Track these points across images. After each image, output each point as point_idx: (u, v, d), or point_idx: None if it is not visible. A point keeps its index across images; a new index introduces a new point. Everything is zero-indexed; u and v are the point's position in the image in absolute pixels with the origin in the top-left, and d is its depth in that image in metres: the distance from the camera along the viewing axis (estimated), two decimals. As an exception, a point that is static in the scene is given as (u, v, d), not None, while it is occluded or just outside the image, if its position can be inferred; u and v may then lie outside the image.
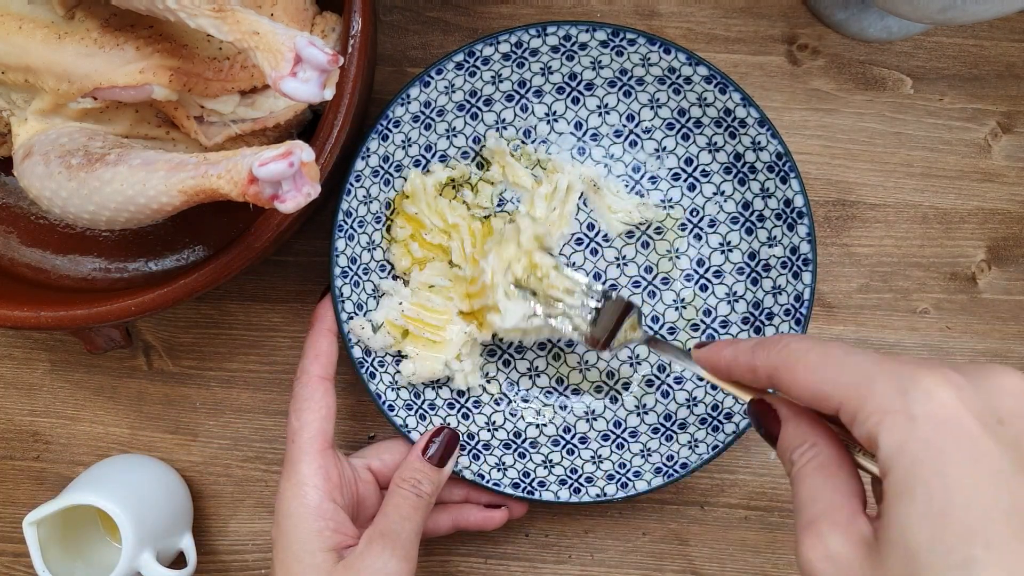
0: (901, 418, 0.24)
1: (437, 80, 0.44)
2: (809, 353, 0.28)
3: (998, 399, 0.24)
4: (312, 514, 0.40)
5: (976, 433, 0.23)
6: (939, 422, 0.23)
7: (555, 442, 0.48)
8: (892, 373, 0.25)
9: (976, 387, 0.24)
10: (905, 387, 0.24)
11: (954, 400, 0.24)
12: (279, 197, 0.32)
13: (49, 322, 0.40)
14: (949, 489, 0.23)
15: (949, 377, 0.24)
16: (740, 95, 0.44)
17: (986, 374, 0.25)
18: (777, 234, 0.46)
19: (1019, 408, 0.24)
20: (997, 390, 0.24)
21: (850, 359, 0.27)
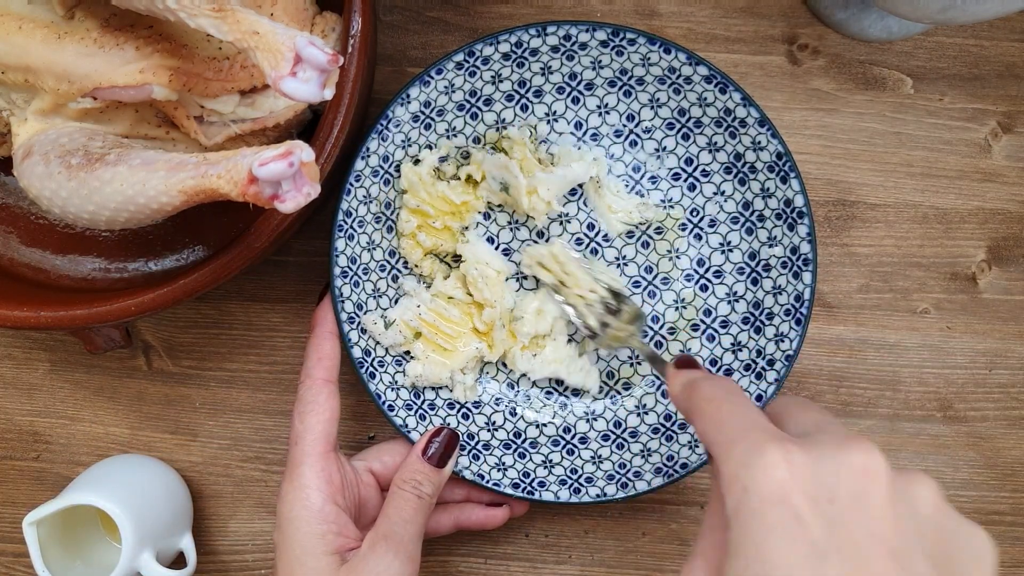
0: (739, 488, 0.26)
1: (437, 80, 0.44)
2: (707, 405, 0.31)
3: (835, 478, 0.25)
4: (314, 517, 0.40)
5: (801, 511, 0.25)
6: (766, 498, 0.25)
7: (555, 442, 0.48)
8: (748, 443, 0.27)
9: (817, 465, 0.26)
10: (750, 460, 0.26)
11: (786, 478, 0.25)
12: (279, 197, 0.32)
13: (49, 322, 0.40)
14: (766, 561, 0.24)
15: (791, 455, 0.26)
16: (740, 95, 0.44)
17: (835, 453, 0.26)
18: (777, 234, 0.46)
19: (854, 488, 0.25)
20: (839, 469, 0.26)
21: (729, 421, 0.29)
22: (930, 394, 0.51)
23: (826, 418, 0.30)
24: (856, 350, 0.51)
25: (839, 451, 0.26)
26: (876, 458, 0.26)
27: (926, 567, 0.25)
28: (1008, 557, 0.51)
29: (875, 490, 0.25)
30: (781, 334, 0.46)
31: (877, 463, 0.26)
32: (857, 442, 0.26)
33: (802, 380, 0.51)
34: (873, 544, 0.24)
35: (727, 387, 0.32)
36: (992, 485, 0.51)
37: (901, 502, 0.26)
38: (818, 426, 0.29)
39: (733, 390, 0.31)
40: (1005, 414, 0.51)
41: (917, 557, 0.25)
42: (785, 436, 0.27)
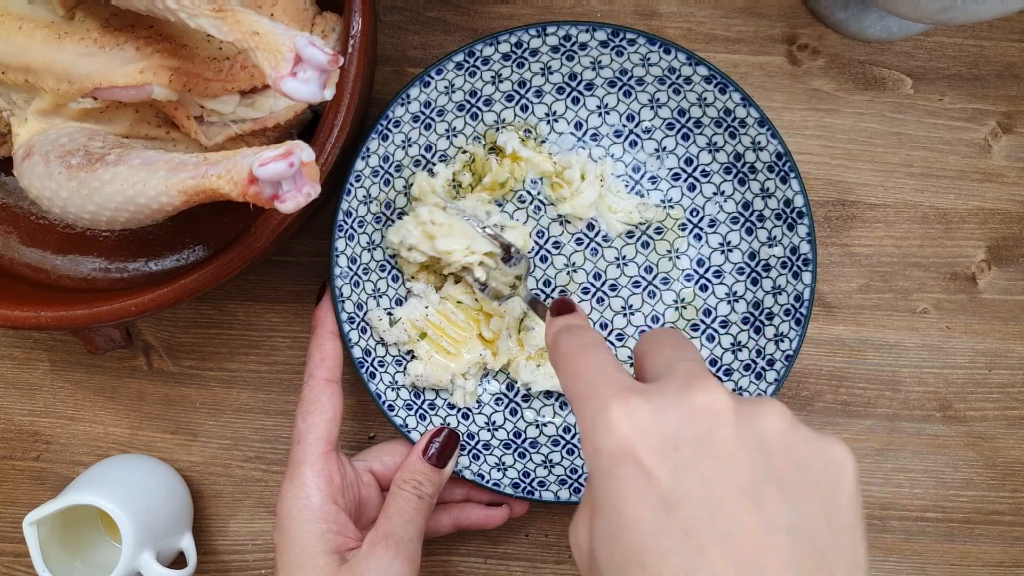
0: (591, 448, 0.26)
1: (437, 80, 0.44)
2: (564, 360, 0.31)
3: (679, 424, 0.25)
4: (315, 516, 0.40)
5: (647, 464, 0.25)
6: (614, 455, 0.25)
7: (555, 442, 0.48)
8: (595, 400, 0.27)
9: (661, 413, 0.25)
10: (596, 418, 0.26)
11: (631, 433, 0.25)
12: (279, 197, 0.32)
13: (49, 322, 0.40)
14: (619, 516, 0.25)
15: (633, 408, 0.26)
16: (740, 95, 0.44)
17: (677, 397, 0.26)
18: (777, 234, 0.46)
19: (698, 431, 0.25)
20: (682, 414, 0.25)
21: (581, 377, 0.29)
22: (930, 394, 0.51)
23: (678, 354, 0.29)
24: (856, 350, 0.51)
25: (682, 395, 0.26)
26: (719, 396, 0.26)
27: (777, 494, 0.24)
28: (1008, 557, 0.51)
29: (720, 430, 0.25)
30: (781, 334, 0.46)
31: (720, 401, 0.25)
32: (700, 381, 0.26)
33: (802, 380, 0.51)
34: (722, 484, 0.24)
35: (584, 339, 0.31)
36: (992, 485, 0.51)
37: (748, 436, 0.25)
38: (669, 365, 0.28)
39: (589, 342, 0.31)
40: (1005, 414, 0.51)
41: (770, 487, 0.24)
42: (630, 387, 0.27)
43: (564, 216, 0.48)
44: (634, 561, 0.24)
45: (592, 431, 0.26)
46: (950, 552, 0.51)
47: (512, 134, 0.47)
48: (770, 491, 0.24)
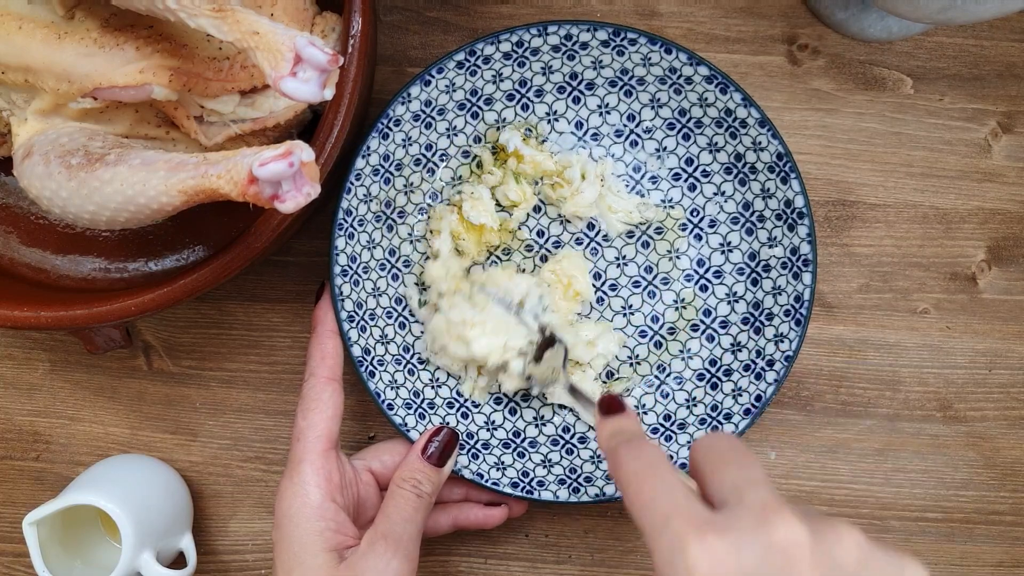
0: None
1: (438, 79, 0.44)
2: (633, 480, 0.31)
3: (758, 562, 0.25)
4: (313, 514, 0.40)
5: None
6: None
7: (554, 441, 0.48)
8: (671, 535, 0.27)
9: (738, 552, 0.26)
10: (674, 559, 0.26)
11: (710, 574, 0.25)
12: (279, 197, 0.32)
13: (49, 322, 0.40)
14: None
15: (710, 547, 0.26)
16: (741, 95, 0.44)
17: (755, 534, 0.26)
18: (777, 235, 0.46)
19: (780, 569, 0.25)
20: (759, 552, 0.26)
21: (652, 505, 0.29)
22: (930, 394, 0.51)
23: (744, 474, 0.29)
24: (856, 350, 0.51)
25: (758, 531, 0.26)
26: (796, 531, 0.26)
27: None
28: (1008, 557, 0.51)
29: (799, 566, 0.25)
30: (781, 335, 0.46)
31: (797, 536, 0.26)
32: (776, 516, 0.26)
33: (802, 380, 0.51)
34: None
35: (648, 458, 0.31)
36: (992, 485, 0.51)
37: (825, 567, 0.26)
38: (738, 490, 0.29)
39: (654, 461, 0.31)
40: (1005, 414, 0.51)
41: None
42: (705, 520, 0.27)
43: (564, 216, 0.48)
44: None
45: (669, 570, 0.27)
46: (950, 552, 0.51)
47: (515, 132, 0.47)
48: None
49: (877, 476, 0.51)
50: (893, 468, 0.51)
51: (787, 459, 0.51)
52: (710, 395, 0.47)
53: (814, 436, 0.51)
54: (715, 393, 0.47)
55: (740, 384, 0.46)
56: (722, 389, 0.47)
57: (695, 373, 0.48)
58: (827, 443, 0.51)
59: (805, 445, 0.51)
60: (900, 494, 0.51)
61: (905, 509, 0.51)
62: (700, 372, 0.48)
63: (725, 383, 0.47)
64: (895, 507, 0.51)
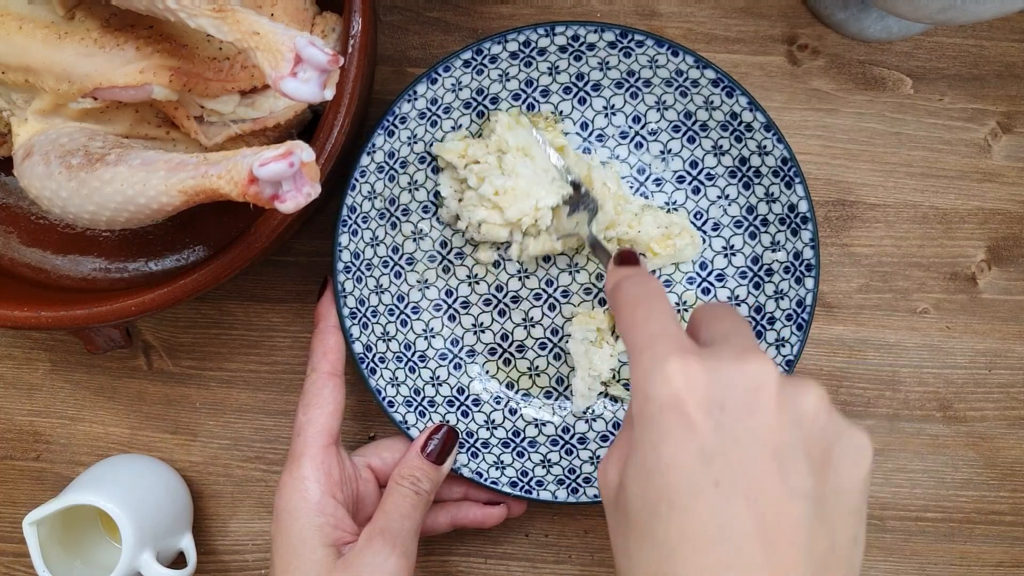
0: (642, 394, 0.29)
1: (444, 77, 0.44)
2: (626, 306, 0.32)
3: (728, 388, 0.28)
4: (312, 509, 0.40)
5: (693, 418, 0.27)
6: (664, 404, 0.28)
7: (554, 442, 0.48)
8: (653, 351, 0.29)
9: (713, 375, 0.28)
10: (652, 368, 0.28)
11: (683, 387, 0.28)
12: (279, 197, 0.32)
13: (49, 322, 0.40)
14: (658, 458, 0.27)
15: (688, 365, 0.28)
16: (747, 99, 0.44)
17: (731, 364, 0.28)
18: (781, 239, 0.46)
19: (744, 397, 0.27)
20: (732, 379, 0.28)
21: (642, 326, 0.31)
22: (930, 394, 0.51)
23: (735, 327, 0.31)
24: (856, 350, 0.51)
25: (735, 363, 0.28)
26: (768, 369, 0.28)
27: (804, 465, 0.27)
28: (1008, 557, 0.51)
29: (764, 399, 0.27)
30: (782, 339, 0.46)
31: (768, 373, 0.28)
32: (753, 354, 0.28)
33: (802, 380, 0.51)
34: (756, 446, 0.27)
35: (648, 290, 0.33)
36: (992, 485, 0.51)
37: (788, 409, 0.28)
38: (725, 335, 0.31)
39: (653, 293, 0.32)
40: (1005, 414, 0.51)
41: (797, 457, 0.27)
42: (688, 347, 0.29)
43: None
44: (664, 498, 0.27)
45: (645, 379, 0.28)
46: (950, 552, 0.51)
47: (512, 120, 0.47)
48: (797, 461, 0.27)
49: (877, 476, 0.51)
50: (893, 468, 0.51)
51: (787, 459, 0.51)
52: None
53: (814, 436, 0.51)
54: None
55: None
56: None
57: None
58: (827, 443, 0.51)
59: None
60: (900, 494, 0.51)
61: (905, 509, 0.51)
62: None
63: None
64: (895, 507, 0.51)
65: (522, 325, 0.49)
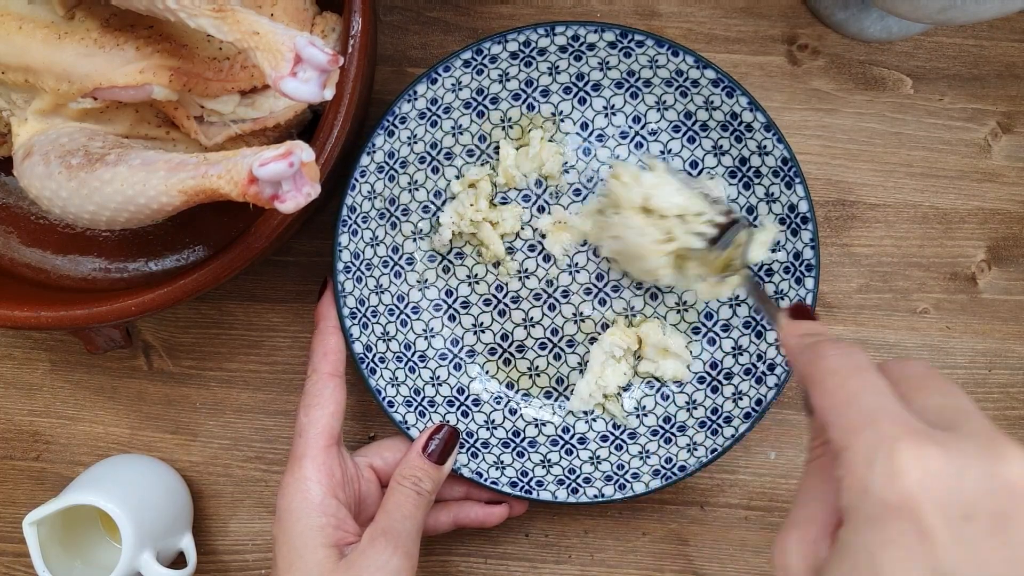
0: (858, 485, 0.23)
1: (444, 77, 0.44)
2: (830, 377, 0.27)
3: (978, 492, 0.22)
4: (314, 510, 0.40)
5: (929, 528, 0.22)
6: (890, 506, 0.22)
7: (554, 442, 0.48)
8: (876, 434, 0.24)
9: (959, 473, 0.22)
10: (876, 458, 0.23)
11: (917, 486, 0.22)
12: (279, 197, 0.32)
13: (49, 322, 0.40)
14: (874, 571, 0.22)
15: (926, 457, 0.22)
16: (747, 99, 0.44)
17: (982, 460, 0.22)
18: (781, 239, 0.46)
19: (998, 507, 0.22)
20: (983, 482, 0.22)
21: (855, 402, 0.25)
22: (930, 394, 0.51)
23: (963, 402, 0.25)
24: (856, 350, 0.51)
25: (988, 458, 0.22)
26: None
27: None
28: (1008, 557, 0.51)
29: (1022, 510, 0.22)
30: (782, 336, 0.46)
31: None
32: (1008, 448, 0.23)
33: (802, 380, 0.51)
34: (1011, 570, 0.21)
35: (855, 360, 0.27)
36: (992, 485, 0.51)
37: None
38: (958, 413, 0.24)
39: (861, 364, 0.27)
40: (1005, 414, 0.51)
41: None
42: (922, 430, 0.23)
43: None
44: None
45: (867, 470, 0.23)
46: (950, 552, 0.51)
47: (538, 131, 0.47)
48: None
49: (877, 476, 0.51)
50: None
51: (787, 459, 0.51)
52: (710, 398, 0.47)
53: (814, 436, 0.51)
54: (715, 396, 0.47)
55: (741, 388, 0.46)
56: (723, 392, 0.47)
57: (696, 376, 0.48)
58: (827, 443, 0.51)
59: (805, 445, 0.51)
60: (900, 494, 0.51)
61: (905, 509, 0.51)
62: (701, 375, 0.48)
63: (726, 386, 0.47)
64: (895, 507, 0.51)
65: (522, 325, 0.49)
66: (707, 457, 0.46)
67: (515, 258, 0.48)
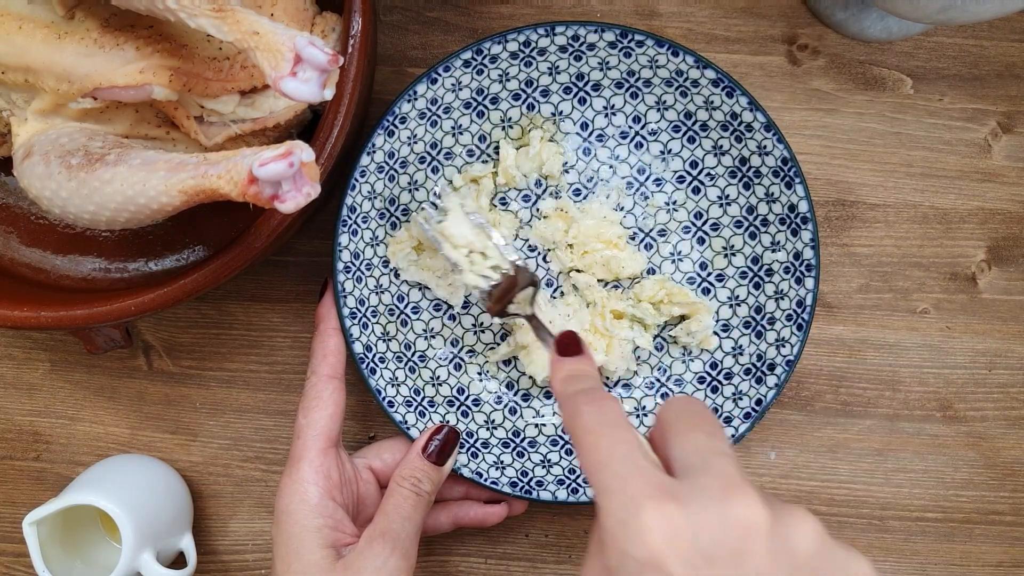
0: (616, 549, 0.25)
1: (444, 77, 0.44)
2: (585, 436, 0.29)
3: (714, 537, 0.25)
4: (312, 512, 0.40)
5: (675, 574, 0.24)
6: (643, 564, 0.25)
7: (554, 442, 0.48)
8: (625, 498, 0.26)
9: (696, 524, 0.25)
10: (627, 520, 0.25)
11: (663, 543, 0.24)
12: (279, 197, 0.32)
13: (49, 322, 0.40)
14: None
15: (667, 515, 0.25)
16: (747, 99, 0.44)
17: (714, 507, 0.25)
18: (781, 239, 0.46)
19: (733, 546, 0.24)
20: (717, 526, 0.25)
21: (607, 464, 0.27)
22: (930, 394, 0.51)
23: (711, 444, 0.28)
24: (856, 350, 0.51)
25: (719, 504, 0.25)
26: (756, 510, 0.25)
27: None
28: (1008, 557, 0.51)
29: (754, 546, 0.25)
30: (782, 339, 0.46)
31: (757, 515, 0.25)
32: (737, 491, 0.25)
33: (802, 380, 0.51)
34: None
35: (607, 415, 0.29)
36: (992, 485, 0.51)
37: (780, 551, 0.25)
38: (702, 458, 0.27)
39: (613, 419, 0.29)
40: (1005, 414, 0.51)
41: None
42: (664, 486, 0.26)
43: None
44: None
45: (620, 532, 0.25)
46: (950, 552, 0.51)
47: (538, 131, 0.47)
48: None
49: (877, 476, 0.51)
50: (893, 468, 0.51)
51: (787, 459, 0.51)
52: (710, 398, 0.47)
53: (814, 436, 0.51)
54: (715, 396, 0.47)
55: (740, 388, 0.46)
56: (722, 392, 0.47)
57: (695, 376, 0.48)
58: (827, 443, 0.51)
59: (805, 445, 0.51)
60: (900, 494, 0.51)
61: (905, 509, 0.51)
62: (701, 375, 0.48)
63: (725, 386, 0.47)
64: (895, 507, 0.51)
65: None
66: (707, 457, 0.46)
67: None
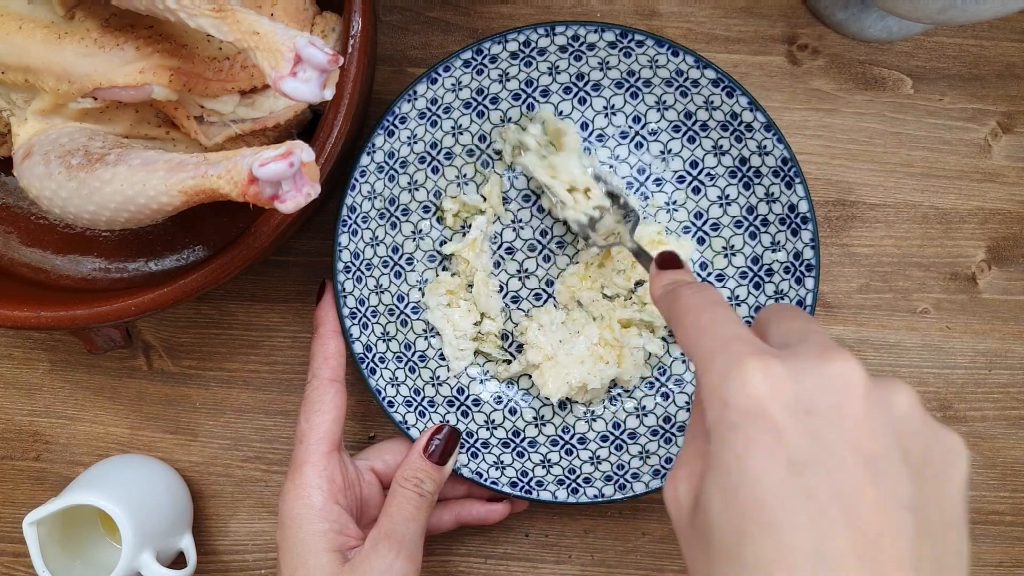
0: (718, 401, 0.26)
1: (444, 77, 0.44)
2: (688, 314, 0.30)
3: (814, 390, 0.25)
4: (316, 516, 0.40)
5: (779, 424, 0.25)
6: (746, 411, 0.25)
7: (554, 442, 0.48)
8: (728, 355, 0.27)
9: (796, 377, 0.26)
10: (730, 374, 0.26)
11: (765, 392, 0.25)
12: (279, 197, 0.32)
13: (49, 322, 0.40)
14: (744, 472, 0.25)
15: (770, 368, 0.26)
16: (747, 99, 0.44)
17: (814, 365, 0.26)
18: (781, 239, 0.46)
19: (832, 400, 0.25)
20: (817, 381, 0.26)
21: (709, 331, 0.29)
22: (930, 394, 0.51)
23: (809, 327, 0.29)
24: (856, 350, 0.51)
25: (819, 362, 0.26)
26: (854, 368, 0.26)
27: (900, 471, 0.25)
28: (1008, 557, 0.51)
29: (853, 400, 0.25)
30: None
31: (855, 373, 0.26)
32: (837, 353, 0.26)
33: (802, 380, 0.51)
34: (849, 453, 0.24)
35: (708, 296, 0.31)
36: (992, 485, 0.51)
37: (878, 410, 0.25)
38: (800, 335, 0.28)
39: (715, 299, 0.31)
40: (1005, 414, 0.51)
41: (892, 462, 0.25)
42: (766, 348, 0.27)
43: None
44: (753, 515, 0.24)
45: (723, 384, 0.26)
46: (950, 552, 0.51)
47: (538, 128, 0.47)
48: (894, 467, 0.25)
49: (877, 476, 0.51)
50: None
51: (787, 459, 0.51)
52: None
53: (814, 436, 0.51)
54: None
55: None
56: None
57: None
58: (827, 443, 0.51)
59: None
60: (900, 494, 0.51)
61: (905, 509, 0.51)
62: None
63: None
64: (895, 507, 0.51)
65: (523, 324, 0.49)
66: (707, 457, 0.46)
67: (515, 257, 0.48)
